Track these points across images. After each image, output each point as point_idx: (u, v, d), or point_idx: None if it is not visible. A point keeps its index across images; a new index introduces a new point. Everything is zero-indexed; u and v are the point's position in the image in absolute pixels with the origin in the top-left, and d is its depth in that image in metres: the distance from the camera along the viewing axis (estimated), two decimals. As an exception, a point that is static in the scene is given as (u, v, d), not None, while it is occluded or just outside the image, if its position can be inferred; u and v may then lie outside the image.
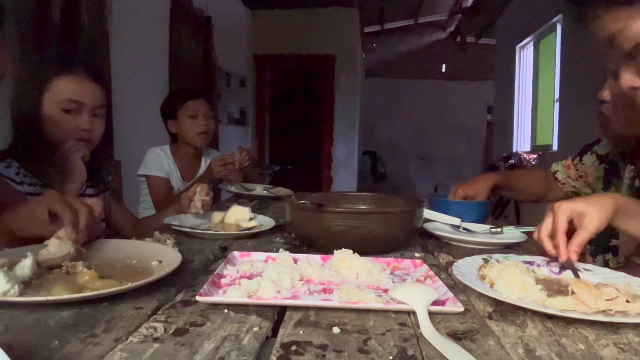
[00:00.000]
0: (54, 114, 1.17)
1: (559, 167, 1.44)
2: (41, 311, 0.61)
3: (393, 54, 9.40)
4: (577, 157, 1.40)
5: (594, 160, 1.35)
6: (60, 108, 1.18)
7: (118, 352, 0.50)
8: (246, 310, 0.63)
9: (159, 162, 2.03)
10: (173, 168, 2.06)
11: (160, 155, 2.05)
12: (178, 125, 2.05)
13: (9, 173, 1.14)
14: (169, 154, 2.07)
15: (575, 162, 1.40)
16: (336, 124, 6.08)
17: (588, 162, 1.36)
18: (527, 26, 5.41)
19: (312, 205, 0.98)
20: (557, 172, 1.44)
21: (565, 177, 1.42)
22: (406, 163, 9.55)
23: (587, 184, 1.38)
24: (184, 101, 2.04)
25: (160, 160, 2.03)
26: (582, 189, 1.39)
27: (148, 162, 2.04)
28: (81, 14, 2.44)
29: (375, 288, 0.75)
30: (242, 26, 5.64)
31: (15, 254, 0.76)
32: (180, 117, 2.04)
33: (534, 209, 4.75)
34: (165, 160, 2.05)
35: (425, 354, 0.52)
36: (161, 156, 2.04)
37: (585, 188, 1.38)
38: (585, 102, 3.86)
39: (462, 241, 1.10)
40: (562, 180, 1.43)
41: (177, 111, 2.04)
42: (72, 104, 1.19)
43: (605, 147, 1.31)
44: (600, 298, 0.65)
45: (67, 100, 1.18)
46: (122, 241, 0.95)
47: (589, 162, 1.36)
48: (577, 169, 1.39)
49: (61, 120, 1.18)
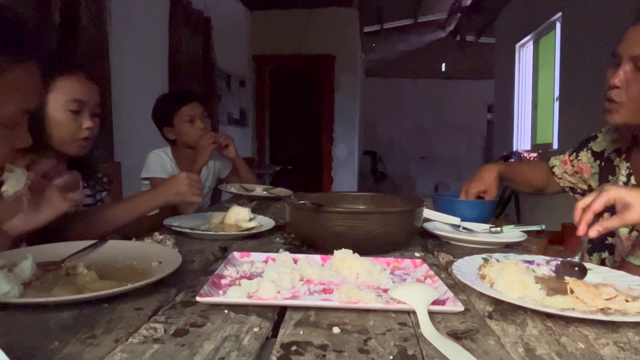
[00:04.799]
0: (60, 114, 1.17)
1: (557, 161, 1.44)
2: (41, 312, 0.61)
3: (393, 54, 9.40)
4: (574, 153, 1.39)
5: (590, 157, 1.34)
6: (65, 108, 1.18)
7: (118, 353, 0.50)
8: (246, 310, 0.63)
9: (162, 164, 2.02)
10: (175, 170, 2.05)
11: (162, 157, 2.04)
12: (176, 132, 2.03)
13: None
14: (171, 156, 2.07)
15: (572, 158, 1.39)
16: (336, 124, 6.07)
17: (584, 158, 1.35)
18: (526, 24, 5.41)
19: (312, 205, 0.98)
20: (554, 166, 1.44)
21: (562, 172, 1.42)
22: (406, 162, 9.54)
23: (583, 180, 1.37)
24: (178, 107, 2.01)
25: (163, 162, 2.02)
26: (578, 184, 1.39)
27: (150, 164, 2.03)
28: (81, 15, 2.44)
29: (375, 288, 0.75)
30: (242, 27, 5.64)
31: (15, 255, 0.76)
32: (176, 124, 2.01)
33: (534, 208, 4.75)
34: (168, 162, 2.04)
35: (426, 354, 0.52)
36: (163, 158, 2.04)
37: (582, 183, 1.38)
38: (585, 100, 3.87)
39: (462, 241, 1.10)
40: (559, 175, 1.42)
41: (172, 118, 2.01)
42: (77, 103, 1.19)
43: (601, 144, 1.30)
44: (599, 297, 0.65)
45: (73, 100, 1.18)
46: (122, 242, 0.95)
47: (585, 158, 1.35)
48: (572, 164, 1.39)
49: (66, 120, 1.18)
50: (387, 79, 9.33)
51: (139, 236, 1.02)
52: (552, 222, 3.55)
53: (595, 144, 1.32)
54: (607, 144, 1.28)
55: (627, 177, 1.16)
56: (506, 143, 6.10)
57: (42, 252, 0.81)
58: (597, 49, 3.72)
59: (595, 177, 1.31)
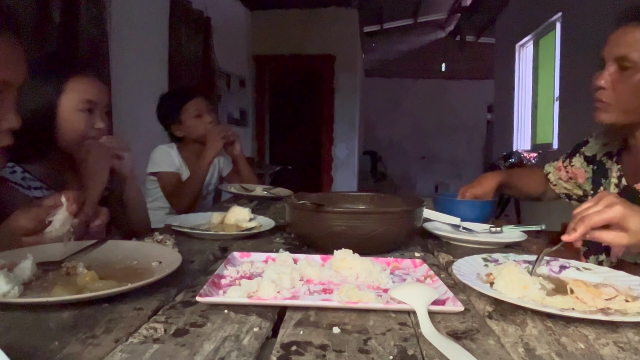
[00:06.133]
0: (73, 115, 1.17)
1: (551, 168, 1.44)
2: (41, 312, 0.61)
3: (393, 54, 9.40)
4: (567, 159, 1.40)
5: (582, 161, 1.35)
6: (78, 109, 1.18)
7: (118, 352, 0.50)
8: (246, 310, 0.63)
9: (169, 158, 2.01)
10: (182, 165, 2.05)
11: (168, 151, 2.03)
12: (185, 128, 2.02)
13: (15, 178, 1.12)
14: (177, 151, 2.07)
15: (566, 164, 1.40)
16: (336, 124, 6.08)
17: (577, 163, 1.36)
18: (526, 24, 5.41)
19: (312, 205, 0.98)
20: (549, 173, 1.44)
21: (556, 178, 1.42)
22: (406, 163, 9.54)
23: (577, 185, 1.38)
24: (184, 103, 2.01)
25: (170, 157, 2.02)
26: (573, 190, 1.40)
27: (157, 159, 2.02)
28: (81, 15, 2.44)
29: (375, 288, 0.75)
30: (242, 27, 5.64)
31: (16, 255, 0.76)
32: (184, 120, 2.01)
33: (534, 209, 4.75)
34: (175, 156, 2.04)
35: (426, 354, 0.52)
36: (170, 152, 2.03)
37: (577, 189, 1.38)
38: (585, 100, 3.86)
39: (462, 241, 1.10)
40: (554, 182, 1.43)
41: (179, 115, 2.01)
42: (89, 104, 1.20)
43: (592, 148, 1.32)
44: (599, 297, 0.65)
45: (86, 101, 1.19)
46: (122, 242, 0.95)
47: (578, 163, 1.36)
48: (567, 170, 1.39)
49: (78, 121, 1.18)
50: (387, 79, 9.33)
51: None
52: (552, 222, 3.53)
53: (587, 148, 1.33)
54: (599, 147, 1.29)
55: (618, 179, 1.18)
56: (506, 143, 6.10)
57: (42, 252, 0.81)
58: (597, 49, 3.72)
59: (590, 181, 1.32)
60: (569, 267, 0.82)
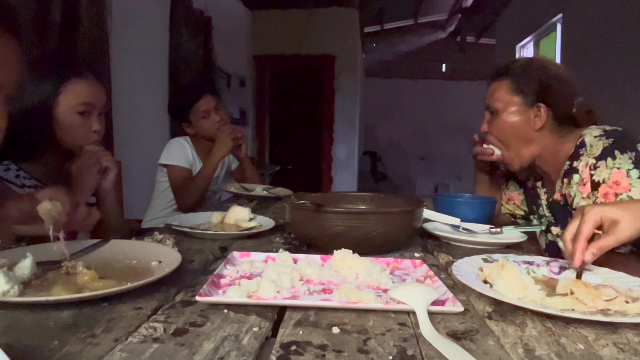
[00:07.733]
0: (69, 116, 1.18)
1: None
2: (41, 311, 0.61)
3: (393, 54, 9.40)
4: (505, 183, 1.49)
5: (515, 185, 1.45)
6: (75, 111, 1.18)
7: (118, 352, 0.50)
8: (246, 310, 0.63)
9: (183, 152, 2.03)
10: (196, 159, 2.06)
11: (183, 145, 2.05)
12: (194, 127, 2.06)
13: (8, 176, 1.13)
14: (191, 144, 2.08)
15: (503, 188, 1.49)
16: (336, 124, 6.07)
17: (511, 187, 1.47)
18: (527, 26, 5.41)
19: (312, 205, 0.98)
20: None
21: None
22: (406, 163, 9.54)
23: (517, 206, 1.46)
24: (192, 104, 2.02)
25: (184, 151, 2.03)
26: (515, 211, 1.47)
27: (172, 151, 2.02)
28: (81, 15, 2.43)
29: (375, 288, 0.75)
30: (242, 26, 5.64)
31: (15, 254, 0.76)
32: (193, 120, 2.04)
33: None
34: (189, 150, 2.05)
35: (425, 354, 0.52)
36: (185, 146, 2.04)
37: (517, 210, 1.46)
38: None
39: (462, 241, 1.10)
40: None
41: (188, 114, 2.04)
42: (86, 106, 1.20)
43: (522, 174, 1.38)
44: (599, 298, 0.65)
45: (83, 103, 1.19)
46: (122, 241, 0.95)
47: (512, 187, 1.46)
48: (504, 193, 1.48)
49: (75, 123, 1.19)
50: (387, 79, 9.32)
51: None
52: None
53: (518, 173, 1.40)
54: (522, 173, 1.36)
55: (547, 201, 1.28)
56: (506, 144, 6.09)
57: (42, 251, 0.81)
58: (597, 51, 3.73)
59: (524, 203, 1.43)
60: (569, 268, 0.82)
